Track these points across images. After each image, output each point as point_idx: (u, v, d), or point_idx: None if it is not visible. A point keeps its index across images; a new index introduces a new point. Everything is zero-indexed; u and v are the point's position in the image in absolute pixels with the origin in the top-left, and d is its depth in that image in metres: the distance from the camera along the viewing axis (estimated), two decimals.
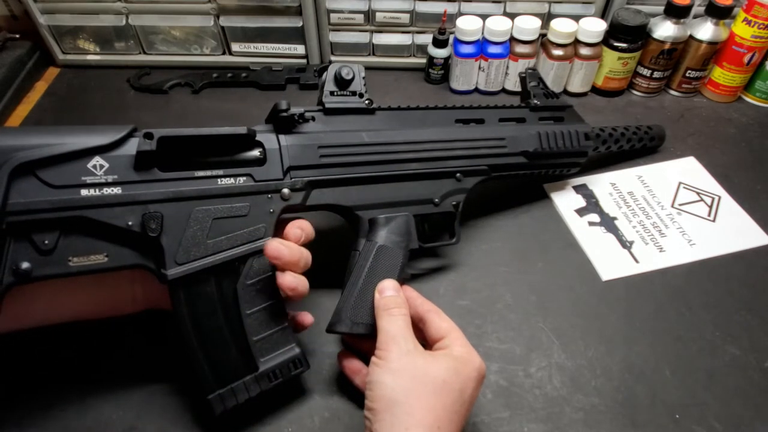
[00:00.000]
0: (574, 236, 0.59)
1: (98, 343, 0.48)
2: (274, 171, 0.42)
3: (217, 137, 0.40)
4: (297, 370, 0.42)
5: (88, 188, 0.36)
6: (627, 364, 0.48)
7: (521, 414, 0.45)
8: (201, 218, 0.39)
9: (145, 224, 0.37)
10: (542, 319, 0.51)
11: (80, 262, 0.36)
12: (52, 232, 0.35)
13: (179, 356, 0.47)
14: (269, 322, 0.41)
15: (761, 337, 0.50)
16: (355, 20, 0.75)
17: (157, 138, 0.37)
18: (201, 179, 0.40)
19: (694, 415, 0.45)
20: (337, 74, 0.47)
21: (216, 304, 0.40)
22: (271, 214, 0.42)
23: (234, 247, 0.40)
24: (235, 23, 0.75)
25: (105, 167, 0.37)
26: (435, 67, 0.76)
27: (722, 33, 0.71)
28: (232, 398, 0.40)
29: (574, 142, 0.57)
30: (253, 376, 0.40)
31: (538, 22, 0.70)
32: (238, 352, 0.40)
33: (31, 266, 0.34)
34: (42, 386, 0.45)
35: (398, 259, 0.45)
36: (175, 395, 0.45)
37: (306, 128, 0.45)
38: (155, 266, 0.38)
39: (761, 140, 0.71)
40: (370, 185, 0.47)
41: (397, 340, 0.38)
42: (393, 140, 0.48)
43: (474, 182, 0.52)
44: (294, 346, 0.42)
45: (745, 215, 0.61)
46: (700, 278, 0.55)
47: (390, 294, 0.41)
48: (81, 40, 0.78)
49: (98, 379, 0.45)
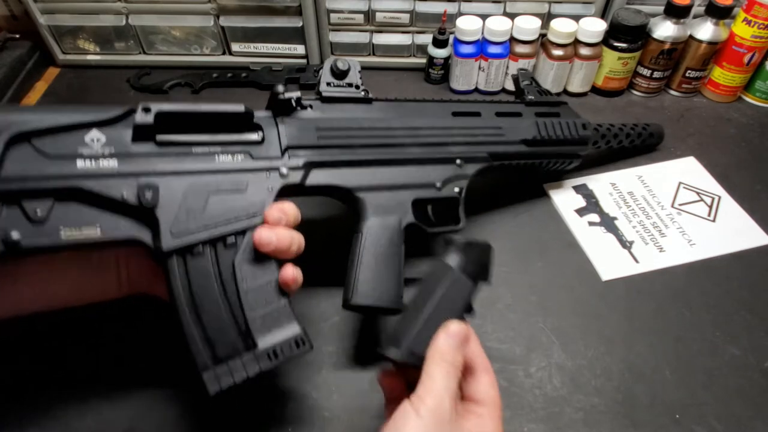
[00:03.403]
0: (574, 236, 0.59)
1: (96, 342, 0.48)
2: (273, 150, 0.42)
3: (215, 114, 0.40)
4: (299, 350, 0.39)
5: (84, 159, 0.35)
6: (627, 364, 0.48)
7: (521, 414, 0.45)
8: (198, 192, 0.39)
9: (140, 195, 0.36)
10: (542, 319, 0.51)
11: (72, 234, 0.35)
12: (44, 202, 0.34)
13: (179, 357, 0.47)
14: (268, 298, 0.40)
15: (761, 337, 0.50)
16: (355, 20, 0.75)
17: (155, 112, 0.37)
18: (198, 155, 0.39)
19: (694, 415, 0.45)
20: (333, 66, 0.48)
21: (213, 279, 0.38)
22: (269, 192, 0.41)
23: (231, 221, 0.39)
24: (235, 23, 0.75)
25: (102, 140, 0.36)
26: (435, 67, 0.76)
27: (722, 33, 0.71)
28: (229, 377, 0.37)
29: (573, 130, 0.58)
30: (251, 354, 0.38)
31: (538, 22, 0.70)
32: (236, 329, 0.38)
33: (20, 236, 0.33)
34: (42, 386, 0.45)
35: (468, 290, 0.39)
36: (174, 395, 0.45)
37: (304, 114, 0.45)
38: (149, 240, 0.37)
39: (761, 140, 0.71)
40: (370, 168, 0.47)
41: (443, 401, 0.33)
42: (391, 125, 0.48)
43: (475, 169, 0.52)
44: (295, 324, 0.40)
45: (745, 215, 0.61)
46: (700, 278, 0.55)
47: (454, 343, 0.36)
48: (81, 40, 0.78)
49: (98, 379, 0.45)
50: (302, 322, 0.40)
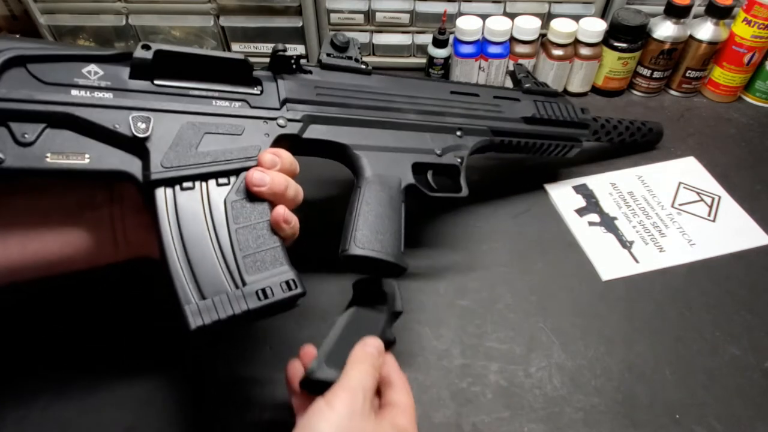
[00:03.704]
0: (574, 236, 0.59)
1: (95, 340, 0.48)
2: (271, 101, 0.43)
3: (215, 59, 0.40)
4: (290, 292, 0.37)
5: (79, 89, 0.35)
6: (627, 364, 0.48)
7: (521, 414, 0.45)
8: (192, 130, 0.38)
9: (132, 126, 0.36)
10: (542, 319, 0.51)
11: (58, 160, 0.34)
12: (34, 125, 0.34)
13: (179, 357, 0.47)
14: (260, 240, 0.38)
15: (761, 337, 0.50)
16: (355, 20, 0.75)
17: (155, 50, 0.37)
18: (195, 98, 0.39)
19: (694, 415, 0.45)
20: (333, 39, 0.48)
21: (202, 215, 0.37)
22: (266, 137, 0.41)
23: (225, 160, 0.39)
24: (235, 23, 0.75)
25: (99, 74, 0.36)
26: (435, 67, 0.76)
27: (722, 33, 0.71)
28: (213, 312, 0.34)
29: (571, 112, 0.59)
30: (239, 290, 0.36)
31: (538, 22, 0.70)
32: (225, 267, 0.37)
33: (4, 156, 0.32)
34: (42, 385, 0.45)
35: (376, 320, 0.43)
36: (175, 394, 0.45)
37: (303, 76, 0.46)
38: (139, 174, 0.37)
39: (761, 140, 0.71)
40: (368, 128, 0.47)
41: (356, 394, 0.34)
42: (391, 91, 0.49)
43: (475, 141, 0.53)
44: (287, 267, 0.38)
45: (745, 215, 0.61)
46: (700, 278, 0.55)
47: (370, 350, 0.38)
48: (81, 40, 0.78)
49: (98, 378, 0.45)
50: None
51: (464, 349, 0.49)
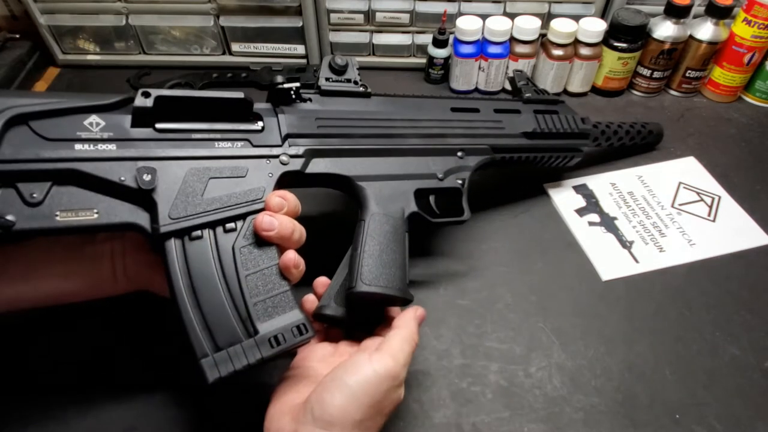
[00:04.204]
0: (574, 236, 0.59)
1: (96, 342, 0.48)
2: (273, 138, 0.43)
3: (215, 100, 0.40)
4: (301, 337, 0.38)
5: (82, 143, 0.35)
6: (627, 364, 0.48)
7: (521, 414, 0.45)
8: (197, 177, 0.38)
9: (138, 178, 0.36)
10: (542, 319, 0.51)
11: (67, 217, 0.34)
12: (41, 185, 0.34)
13: (178, 356, 0.47)
14: (270, 285, 0.39)
15: (761, 337, 0.50)
16: (355, 20, 0.75)
17: (155, 96, 0.37)
18: (198, 141, 0.39)
19: (694, 415, 0.45)
20: (331, 62, 0.48)
21: (212, 264, 0.38)
22: (270, 177, 0.41)
23: (231, 205, 0.39)
24: (235, 23, 0.75)
25: (101, 125, 0.36)
26: (435, 67, 0.76)
27: (722, 33, 0.71)
28: (229, 364, 0.35)
29: (572, 124, 0.58)
30: (252, 340, 0.37)
31: (538, 22, 0.70)
32: (236, 315, 0.37)
33: (15, 218, 0.33)
34: (42, 386, 0.45)
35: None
36: (175, 395, 0.45)
37: (303, 106, 0.46)
38: (147, 225, 0.37)
39: (761, 140, 0.71)
40: (370, 158, 0.47)
41: (398, 360, 0.37)
42: (391, 117, 0.49)
43: (477, 161, 0.52)
44: (297, 311, 0.39)
45: (745, 215, 0.61)
46: (700, 278, 0.55)
47: (415, 320, 0.42)
48: (81, 40, 0.78)
49: (98, 379, 0.45)
50: None
51: (464, 349, 0.49)
